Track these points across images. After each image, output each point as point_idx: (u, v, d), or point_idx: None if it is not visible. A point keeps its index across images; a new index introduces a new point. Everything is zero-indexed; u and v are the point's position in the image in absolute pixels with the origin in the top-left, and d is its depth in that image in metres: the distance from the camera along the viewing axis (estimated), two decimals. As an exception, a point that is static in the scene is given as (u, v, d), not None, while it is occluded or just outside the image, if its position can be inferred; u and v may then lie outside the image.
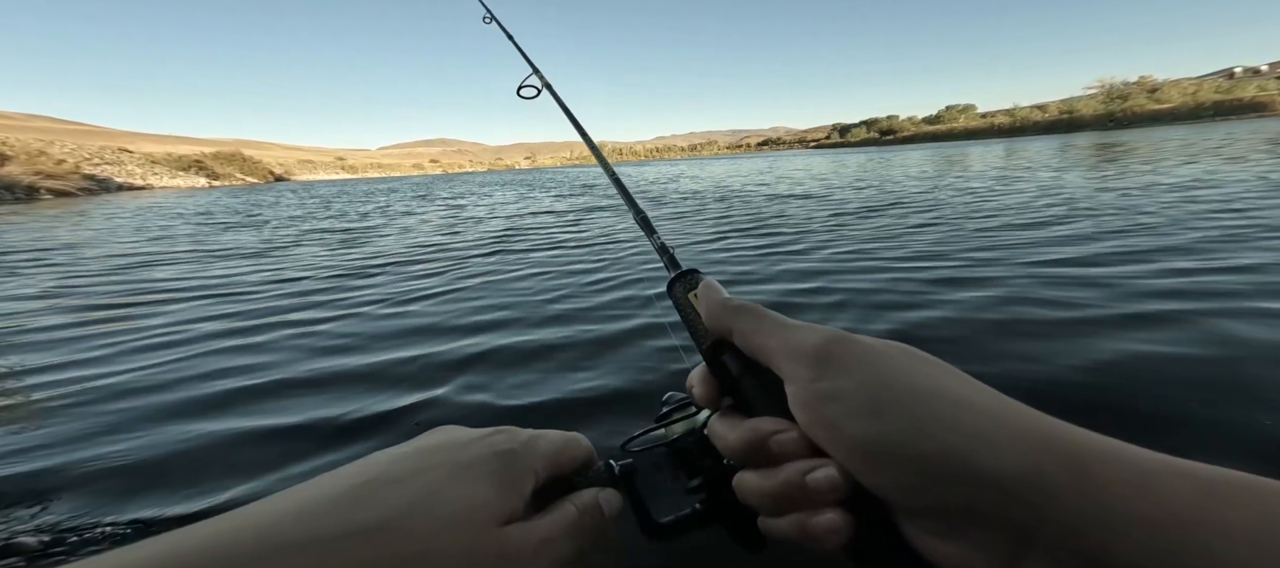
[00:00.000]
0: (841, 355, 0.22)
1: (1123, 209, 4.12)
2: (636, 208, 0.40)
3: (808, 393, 0.22)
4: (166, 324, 2.59)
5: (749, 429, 0.24)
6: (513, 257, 4.00)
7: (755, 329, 0.25)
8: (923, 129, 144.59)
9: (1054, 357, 1.52)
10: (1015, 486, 0.18)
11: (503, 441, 0.25)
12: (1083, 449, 0.18)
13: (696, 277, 0.30)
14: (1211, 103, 71.43)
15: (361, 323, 2.44)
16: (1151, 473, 0.17)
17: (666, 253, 0.33)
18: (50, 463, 1.33)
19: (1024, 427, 0.19)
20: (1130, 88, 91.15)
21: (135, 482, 1.24)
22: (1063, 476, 0.17)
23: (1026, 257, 2.78)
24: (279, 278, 3.73)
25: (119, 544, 0.21)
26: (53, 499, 1.20)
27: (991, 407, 0.20)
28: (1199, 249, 2.67)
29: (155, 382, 1.85)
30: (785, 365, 0.23)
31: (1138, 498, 0.16)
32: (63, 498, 1.20)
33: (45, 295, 3.40)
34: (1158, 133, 30.36)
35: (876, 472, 0.20)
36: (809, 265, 3.00)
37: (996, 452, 0.18)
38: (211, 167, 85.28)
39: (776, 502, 0.22)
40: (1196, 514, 0.16)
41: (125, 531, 1.11)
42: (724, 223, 5.06)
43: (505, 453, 0.24)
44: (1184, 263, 2.42)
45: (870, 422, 0.20)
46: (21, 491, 1.23)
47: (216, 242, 6.09)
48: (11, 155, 40.51)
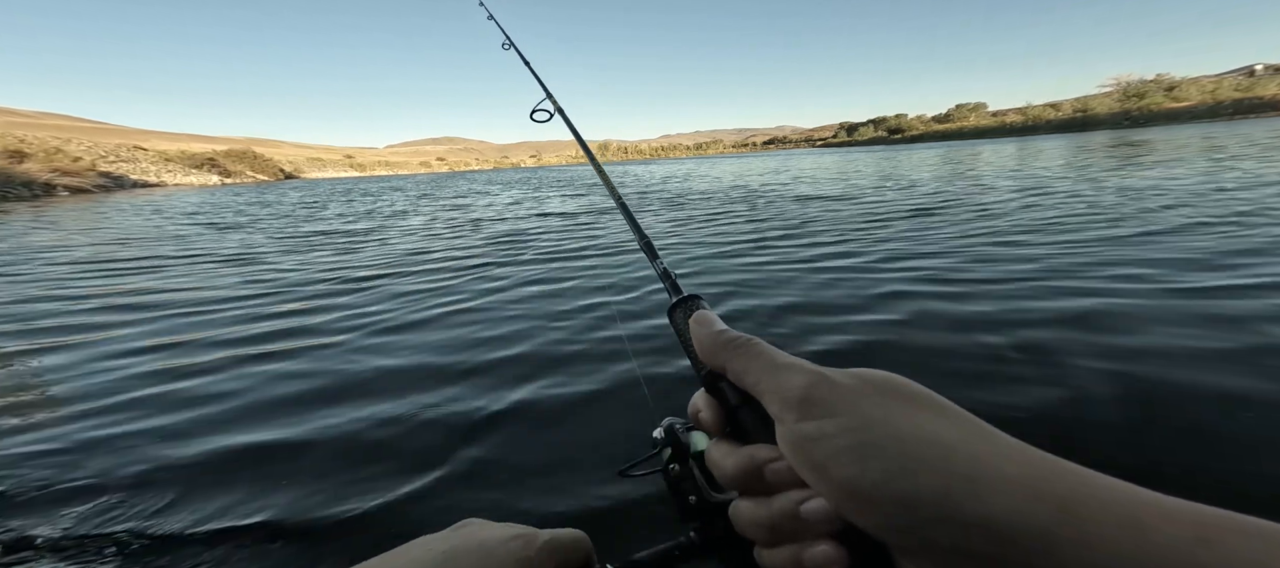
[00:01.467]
0: (825, 399, 0.22)
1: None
2: (641, 234, 0.40)
3: (794, 435, 0.22)
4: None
5: (745, 456, 0.24)
6: (514, 268, 3.89)
7: (746, 369, 0.25)
8: (932, 127, 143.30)
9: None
10: (1004, 529, 0.18)
11: (519, 547, 0.28)
12: (1073, 491, 0.18)
13: (696, 303, 0.30)
14: (1231, 101, 69.99)
15: (334, 359, 2.09)
16: (1144, 515, 0.17)
17: (669, 278, 0.34)
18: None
19: (1011, 468, 0.19)
20: (1147, 86, 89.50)
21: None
22: (1051, 520, 0.17)
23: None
24: (261, 289, 3.44)
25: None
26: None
27: (977, 449, 0.20)
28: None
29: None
30: (773, 407, 0.23)
31: (1128, 542, 0.16)
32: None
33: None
34: (1185, 131, 29.01)
35: (863, 513, 0.20)
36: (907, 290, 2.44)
37: (984, 495, 0.18)
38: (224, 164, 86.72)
39: (772, 532, 0.23)
40: (1190, 560, 0.16)
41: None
42: (754, 229, 4.71)
43: (522, 561, 0.27)
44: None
45: (854, 465, 0.20)
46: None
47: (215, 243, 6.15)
48: (30, 153, 41.47)
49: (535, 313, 2.68)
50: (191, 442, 1.57)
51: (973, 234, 3.83)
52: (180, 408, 1.80)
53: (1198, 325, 1.88)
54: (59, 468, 1.44)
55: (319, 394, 1.87)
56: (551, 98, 0.62)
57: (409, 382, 1.94)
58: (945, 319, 2.16)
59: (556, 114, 0.62)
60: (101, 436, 1.63)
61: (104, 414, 1.78)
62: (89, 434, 1.64)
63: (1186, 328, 1.87)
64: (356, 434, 1.59)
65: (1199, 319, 1.93)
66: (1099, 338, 1.84)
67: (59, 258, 5.38)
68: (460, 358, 2.14)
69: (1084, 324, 1.97)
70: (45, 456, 1.51)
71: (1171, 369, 1.60)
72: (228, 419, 1.71)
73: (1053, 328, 1.95)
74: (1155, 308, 2.08)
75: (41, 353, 2.48)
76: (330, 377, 2.03)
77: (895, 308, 2.32)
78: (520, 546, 0.28)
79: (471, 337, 2.40)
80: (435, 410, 1.70)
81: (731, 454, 0.25)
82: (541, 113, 0.62)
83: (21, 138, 45.44)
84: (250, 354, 2.30)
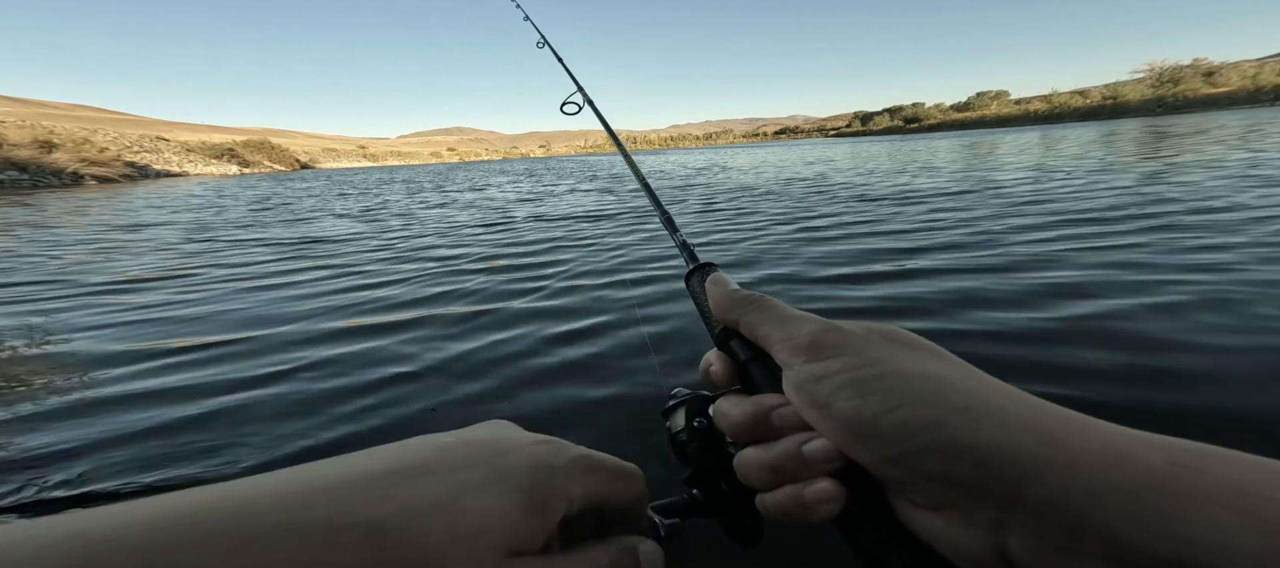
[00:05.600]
0: (833, 343, 0.23)
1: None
2: (662, 209, 0.42)
3: (800, 376, 0.23)
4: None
5: (754, 403, 0.25)
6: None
7: (759, 321, 0.26)
8: (950, 116, 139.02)
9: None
10: (993, 457, 0.18)
11: (545, 453, 0.22)
12: (1058, 424, 0.19)
13: (710, 269, 0.31)
14: (1272, 86, 66.43)
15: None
16: (1130, 447, 0.18)
17: (687, 249, 0.35)
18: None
19: (1002, 403, 0.20)
20: (1183, 71, 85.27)
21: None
22: (1039, 448, 0.18)
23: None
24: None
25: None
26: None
27: (973, 386, 0.21)
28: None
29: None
30: (782, 355, 0.24)
31: (1112, 468, 0.17)
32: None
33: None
34: (1223, 117, 26.25)
35: (862, 445, 0.21)
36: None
37: (975, 425, 0.19)
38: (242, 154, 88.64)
39: (774, 473, 0.23)
40: (1171, 483, 0.16)
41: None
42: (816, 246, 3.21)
43: (542, 468, 0.21)
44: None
45: (855, 398, 0.21)
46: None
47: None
48: (59, 143, 42.86)
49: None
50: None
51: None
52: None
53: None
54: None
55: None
56: (582, 90, 0.64)
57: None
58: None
59: (586, 105, 0.64)
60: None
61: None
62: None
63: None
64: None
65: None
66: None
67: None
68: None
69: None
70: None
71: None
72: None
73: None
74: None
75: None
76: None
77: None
78: (546, 452, 0.22)
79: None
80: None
81: (740, 404, 0.25)
82: (571, 105, 0.64)
83: (51, 129, 46.95)
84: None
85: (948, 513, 0.19)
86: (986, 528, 0.19)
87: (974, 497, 0.19)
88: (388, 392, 1.62)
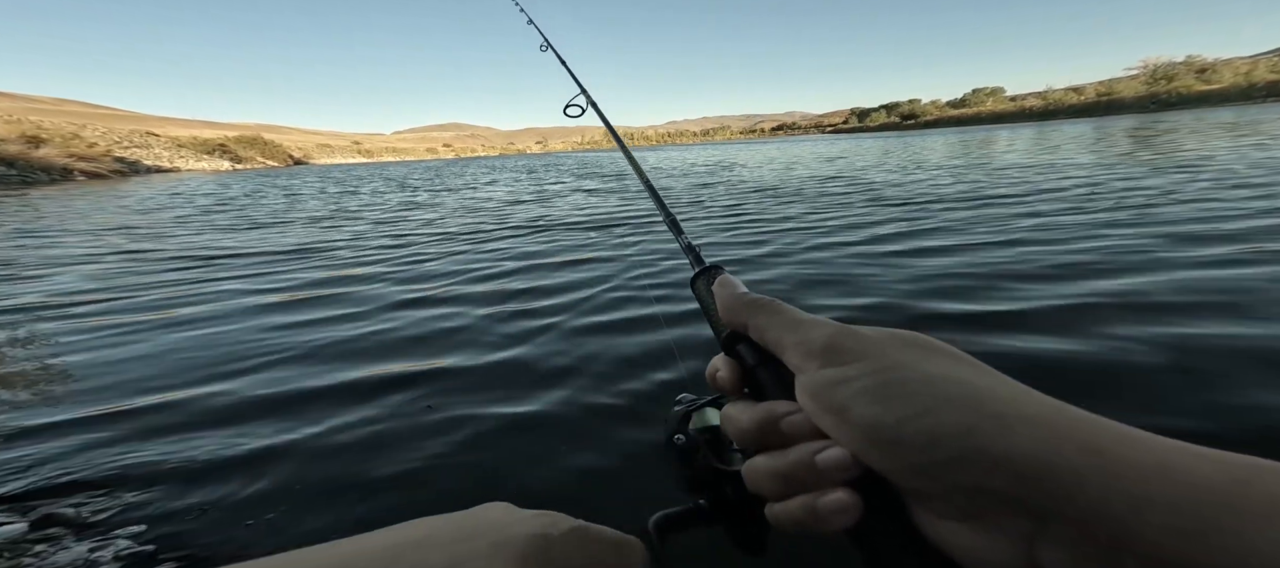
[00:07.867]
0: (850, 347, 0.22)
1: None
2: (667, 211, 0.41)
3: (815, 381, 0.22)
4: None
5: (763, 410, 0.24)
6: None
7: (770, 324, 0.25)
8: (946, 113, 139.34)
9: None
10: (1030, 467, 0.17)
11: (543, 524, 0.23)
12: (1100, 433, 0.18)
13: (717, 271, 0.30)
14: (1266, 83, 66.89)
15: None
16: (1171, 457, 0.17)
17: (692, 251, 0.35)
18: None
19: (1039, 411, 0.19)
20: (1176, 68, 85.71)
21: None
22: (1079, 457, 0.17)
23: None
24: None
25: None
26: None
27: (1005, 392, 0.19)
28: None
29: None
30: (795, 359, 0.23)
31: (1157, 480, 0.16)
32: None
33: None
34: (1219, 114, 26.31)
35: (882, 453, 0.20)
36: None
37: (1010, 433, 0.18)
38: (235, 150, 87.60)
39: (786, 483, 0.22)
40: (1222, 497, 0.15)
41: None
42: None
43: (540, 537, 0.22)
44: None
45: (877, 404, 0.20)
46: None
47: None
48: (47, 139, 42.19)
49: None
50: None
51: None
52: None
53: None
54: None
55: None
56: (585, 92, 0.63)
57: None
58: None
59: (589, 108, 0.63)
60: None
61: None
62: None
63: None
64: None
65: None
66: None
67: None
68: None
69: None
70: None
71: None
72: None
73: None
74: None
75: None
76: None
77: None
78: (544, 524, 0.23)
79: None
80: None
81: (748, 410, 0.24)
82: (575, 107, 0.63)
83: (38, 124, 46.23)
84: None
85: (973, 524, 0.18)
86: (1016, 539, 0.18)
87: (1006, 507, 0.18)
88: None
